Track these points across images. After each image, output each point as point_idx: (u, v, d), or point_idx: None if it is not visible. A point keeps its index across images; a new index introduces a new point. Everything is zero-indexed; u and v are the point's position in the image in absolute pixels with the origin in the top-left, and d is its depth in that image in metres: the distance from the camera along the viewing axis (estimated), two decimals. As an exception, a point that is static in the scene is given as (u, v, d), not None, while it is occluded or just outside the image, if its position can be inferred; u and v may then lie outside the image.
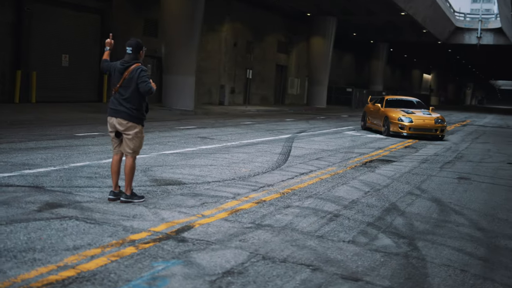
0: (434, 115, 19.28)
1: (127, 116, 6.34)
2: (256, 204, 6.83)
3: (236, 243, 5.11)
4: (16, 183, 7.05)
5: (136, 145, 6.46)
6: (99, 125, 15.99)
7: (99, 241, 4.91)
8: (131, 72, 6.33)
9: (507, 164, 12.95)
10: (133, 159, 6.48)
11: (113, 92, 6.48)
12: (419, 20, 42.75)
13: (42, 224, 5.31)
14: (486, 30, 53.71)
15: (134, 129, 6.39)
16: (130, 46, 6.42)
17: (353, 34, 50.71)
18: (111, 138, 6.62)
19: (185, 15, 25.78)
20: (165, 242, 5.00)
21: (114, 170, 6.56)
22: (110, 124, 6.48)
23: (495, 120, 39.31)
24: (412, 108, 20.36)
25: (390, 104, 20.41)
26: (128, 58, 6.41)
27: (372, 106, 21.48)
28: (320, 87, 43.28)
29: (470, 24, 54.08)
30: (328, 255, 4.94)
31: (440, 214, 7.03)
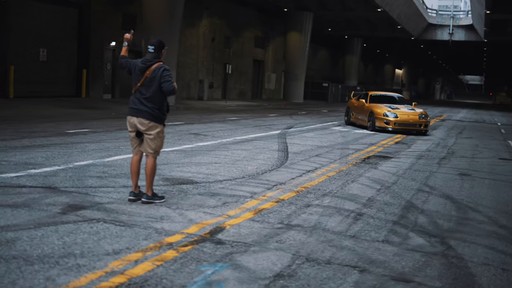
0: (417, 111, 19.54)
1: (149, 115, 6.19)
2: (277, 203, 6.76)
3: (274, 245, 5.03)
4: (28, 184, 6.84)
5: (158, 145, 6.32)
6: (85, 121, 15.74)
7: (136, 244, 4.77)
8: (153, 71, 6.17)
9: (498, 159, 13.12)
10: (154, 159, 6.34)
11: (133, 91, 6.32)
12: (394, 16, 43.16)
13: (72, 227, 5.14)
14: (457, 26, 54.58)
15: (155, 129, 6.24)
16: (152, 45, 6.26)
17: (328, 29, 50.94)
18: (130, 138, 6.45)
19: (165, 10, 25.51)
20: (203, 245, 4.89)
21: (134, 171, 6.40)
22: (131, 123, 6.32)
23: (470, 115, 39.95)
24: (395, 103, 20.59)
25: (374, 100, 20.58)
26: (150, 57, 6.26)
27: (356, 101, 21.60)
28: (297, 82, 43.36)
29: (442, 21, 54.89)
30: (369, 256, 4.90)
31: (458, 211, 7.06)
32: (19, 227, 5.03)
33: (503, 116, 41.69)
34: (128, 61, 6.44)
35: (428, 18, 54.06)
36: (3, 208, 5.62)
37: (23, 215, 5.43)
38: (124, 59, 6.51)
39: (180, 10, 26.10)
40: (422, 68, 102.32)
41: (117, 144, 11.15)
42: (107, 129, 14.08)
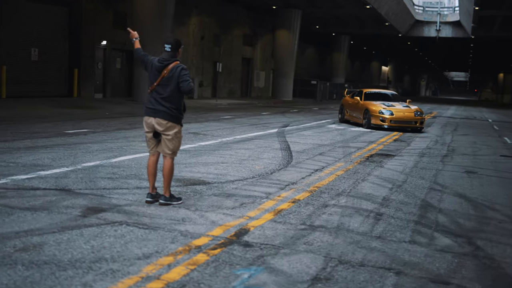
0: (412, 108, 19.60)
1: (167, 116, 6.09)
2: (293, 204, 6.70)
3: (303, 247, 4.96)
4: (41, 186, 6.71)
5: (176, 146, 6.22)
6: (82, 121, 15.59)
7: (165, 248, 4.68)
8: (170, 70, 6.08)
9: (500, 156, 13.17)
10: (172, 160, 6.25)
11: (149, 91, 6.22)
12: (383, 13, 43.28)
13: (96, 230, 5.04)
14: (444, 23, 54.86)
15: (173, 129, 6.15)
16: (169, 43, 6.15)
17: (316, 26, 50.97)
18: (147, 139, 6.35)
19: (156, 8, 25.31)
20: (232, 248, 4.82)
21: (151, 172, 6.30)
22: (148, 124, 6.21)
23: (460, 112, 40.19)
24: (388, 100, 20.63)
25: (368, 97, 20.60)
26: (166, 56, 6.15)
27: (350, 99, 21.62)
28: (286, 80, 43.31)
29: (429, 17, 55.11)
30: (401, 257, 4.86)
31: (476, 210, 7.05)
32: (43, 231, 4.92)
33: (492, 113, 41.98)
34: (145, 57, 6.34)
35: (415, 15, 54.28)
36: (22, 211, 5.50)
37: (44, 218, 5.31)
38: (142, 52, 6.44)
39: (171, 8, 25.95)
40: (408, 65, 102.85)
41: (119, 144, 11.02)
42: (106, 129, 13.93)
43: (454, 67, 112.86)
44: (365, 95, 20.82)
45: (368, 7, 40.03)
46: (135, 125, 15.27)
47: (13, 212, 5.47)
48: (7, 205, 5.71)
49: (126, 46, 28.31)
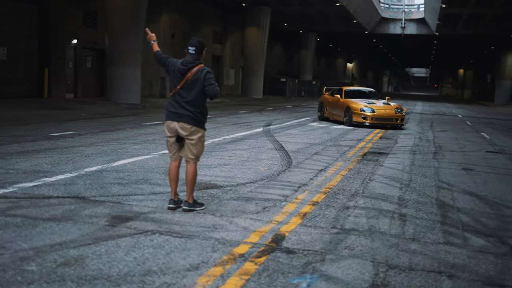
0: (392, 105, 19.78)
1: (191, 120, 5.91)
2: (314, 206, 6.61)
3: (346, 252, 4.88)
4: (53, 194, 6.46)
5: (199, 150, 6.06)
6: (62, 123, 15.21)
7: (209, 258, 4.54)
8: (195, 73, 5.90)
9: (486, 152, 13.37)
10: (195, 164, 6.07)
11: (171, 94, 6.03)
12: (351, 10, 43.61)
13: (130, 241, 4.85)
14: (409, 20, 55.68)
15: (197, 134, 5.98)
16: (193, 46, 5.96)
17: (284, 24, 51.04)
18: (169, 143, 6.16)
19: (129, 5, 24.82)
20: (275, 255, 4.70)
21: (173, 177, 6.12)
22: (171, 128, 6.02)
23: (428, 108, 40.85)
24: (367, 97, 20.81)
25: (348, 95, 20.72)
26: (191, 59, 5.97)
27: (330, 97, 21.70)
28: (256, 77, 43.23)
29: (395, 15, 55.82)
30: (445, 259, 4.82)
31: (492, 208, 7.09)
32: (77, 243, 4.70)
33: (458, 108, 42.85)
34: (166, 59, 6.15)
35: (381, 12, 54.93)
36: (46, 222, 5.26)
37: (72, 229, 5.09)
38: (162, 56, 6.25)
39: (145, 4, 25.49)
40: (371, 61, 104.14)
41: (112, 147, 10.75)
42: (91, 131, 13.59)
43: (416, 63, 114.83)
44: (345, 92, 20.94)
45: (337, 5, 40.28)
46: (118, 127, 14.97)
47: (37, 223, 5.22)
48: (27, 216, 5.46)
49: (96, 45, 27.78)
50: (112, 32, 25.06)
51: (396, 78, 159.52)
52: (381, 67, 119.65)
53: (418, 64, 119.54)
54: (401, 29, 55.81)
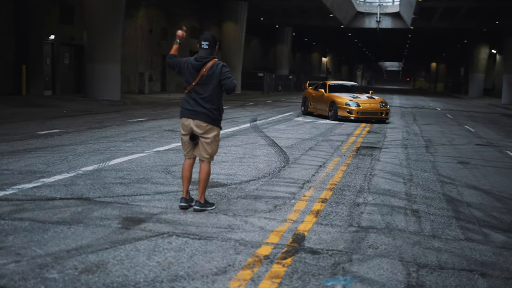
0: (377, 99, 19.83)
1: (207, 117, 5.73)
2: (324, 204, 6.50)
3: (371, 251, 4.77)
4: (56, 196, 6.22)
5: (214, 150, 5.89)
6: (46, 121, 14.88)
7: (233, 260, 4.38)
8: (210, 68, 5.73)
9: (476, 145, 13.42)
10: (209, 164, 5.90)
11: (186, 91, 5.85)
12: (328, 4, 43.62)
13: (149, 244, 4.66)
14: (385, 14, 55.95)
15: (213, 132, 5.81)
16: (207, 40, 5.81)
17: (260, 18, 50.83)
18: (183, 141, 5.98)
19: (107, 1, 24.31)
20: (301, 256, 4.57)
21: (186, 176, 5.95)
22: (186, 126, 5.83)
23: (405, 101, 41.15)
24: (351, 92, 20.86)
25: (332, 89, 20.72)
26: (204, 54, 5.81)
27: (314, 91, 21.65)
28: (235, 73, 42.90)
29: (370, 9, 56.05)
30: (473, 257, 4.75)
31: (501, 202, 7.07)
32: (94, 247, 4.50)
33: (434, 101, 43.25)
34: (178, 60, 5.97)
35: (357, 6, 55.09)
36: (56, 226, 5.04)
37: (85, 233, 4.88)
38: (175, 58, 6.09)
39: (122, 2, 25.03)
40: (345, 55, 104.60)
41: (103, 145, 10.49)
42: (77, 128, 13.28)
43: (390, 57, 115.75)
44: (329, 87, 20.93)
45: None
46: (103, 124, 14.68)
47: (47, 227, 5.00)
48: (35, 219, 5.23)
49: (74, 41, 27.26)
50: (91, 28, 24.56)
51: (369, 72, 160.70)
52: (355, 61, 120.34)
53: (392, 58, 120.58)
54: (376, 23, 56.08)
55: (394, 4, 55.95)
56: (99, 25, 24.30)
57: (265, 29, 56.35)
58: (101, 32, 24.34)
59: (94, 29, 24.45)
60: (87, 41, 24.83)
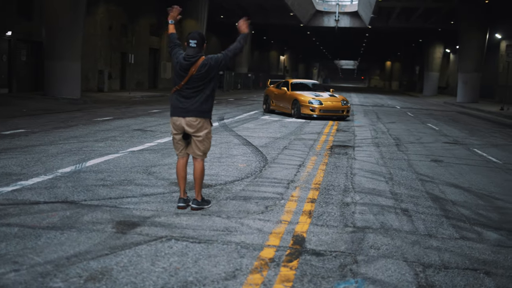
0: (338, 97, 20.16)
1: (198, 114, 5.68)
2: (314, 204, 6.48)
3: (374, 252, 4.76)
4: (40, 199, 5.99)
5: (207, 147, 5.84)
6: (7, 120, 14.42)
7: (239, 264, 4.30)
8: (199, 67, 5.67)
9: (443, 143, 13.67)
10: (203, 161, 5.86)
11: (174, 90, 5.73)
12: (289, 3, 43.80)
13: (149, 249, 4.53)
14: (343, 13, 56.58)
15: (205, 130, 5.75)
16: (195, 39, 5.72)
17: (220, 16, 50.60)
18: (175, 141, 5.89)
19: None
20: (305, 258, 4.52)
21: (181, 176, 5.90)
22: (177, 125, 5.73)
23: (364, 99, 41.66)
24: (312, 90, 21.13)
25: (294, 88, 20.90)
26: (192, 52, 5.73)
27: (276, 89, 21.76)
28: (195, 70, 42.58)
29: (329, 8, 56.56)
30: (473, 256, 4.80)
31: (483, 200, 7.18)
32: (94, 254, 4.34)
33: (392, 99, 43.96)
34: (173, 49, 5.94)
35: (316, 5, 55.51)
36: (47, 232, 4.85)
37: (80, 238, 4.70)
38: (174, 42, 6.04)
39: (83, -4, 24.49)
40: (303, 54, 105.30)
41: (74, 145, 10.22)
42: (42, 128, 12.89)
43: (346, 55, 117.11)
44: (292, 85, 21.08)
45: (275, -3, 40.28)
46: (68, 123, 14.31)
47: (38, 233, 4.80)
48: (23, 225, 5.02)
49: (32, 37, 26.51)
50: (50, 23, 23.93)
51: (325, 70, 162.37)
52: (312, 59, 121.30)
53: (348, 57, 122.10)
54: (335, 22, 56.64)
55: (353, 4, 56.62)
56: (59, 21, 23.70)
57: (225, 27, 56.05)
58: (61, 28, 23.75)
59: (54, 25, 23.83)
60: (46, 38, 24.18)
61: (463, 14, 39.44)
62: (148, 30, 40.34)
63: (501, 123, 22.17)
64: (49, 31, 23.96)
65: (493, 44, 41.50)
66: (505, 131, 18.44)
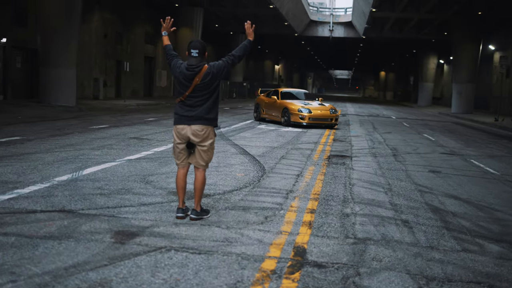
0: (327, 106, 20.44)
1: (205, 122, 5.66)
2: (314, 215, 6.42)
3: (376, 264, 4.70)
4: (37, 208, 5.91)
5: (210, 157, 5.83)
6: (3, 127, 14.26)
7: (241, 276, 4.23)
8: (203, 76, 5.65)
9: (441, 154, 13.65)
10: (204, 172, 5.83)
11: (178, 100, 5.71)
12: (283, 13, 43.90)
13: (149, 260, 4.46)
14: (337, 23, 56.78)
15: (209, 140, 5.75)
16: (196, 48, 5.68)
17: (215, 25, 50.67)
18: (177, 150, 5.84)
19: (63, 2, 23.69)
20: (307, 270, 4.46)
21: (181, 186, 5.83)
22: (182, 135, 5.70)
23: (359, 109, 41.73)
24: (301, 99, 21.35)
25: (284, 96, 21.18)
26: (195, 62, 5.69)
27: (266, 98, 22.03)
28: (190, 79, 42.57)
29: (323, 18, 56.75)
30: (476, 269, 4.75)
31: (483, 212, 7.15)
32: (92, 264, 4.26)
33: (387, 109, 44.04)
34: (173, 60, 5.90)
35: (311, 15, 55.68)
36: (45, 241, 4.77)
37: (78, 249, 4.63)
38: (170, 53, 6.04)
39: (79, 3, 24.43)
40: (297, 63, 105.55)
41: (71, 153, 10.14)
42: (38, 136, 12.80)
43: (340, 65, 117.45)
44: (282, 94, 21.43)
45: (271, 7, 40.40)
46: (64, 131, 14.23)
47: (36, 243, 4.72)
48: (20, 234, 4.94)
49: (27, 44, 26.44)
50: (45, 30, 23.88)
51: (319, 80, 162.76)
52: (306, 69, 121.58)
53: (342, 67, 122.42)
54: (329, 32, 56.80)
55: (347, 14, 56.83)
56: (54, 27, 23.65)
57: (220, 36, 56.21)
58: (57, 35, 23.69)
59: (49, 32, 23.78)
60: (42, 45, 24.12)
61: (456, 25, 39.67)
62: (143, 38, 40.33)
63: (496, 134, 22.23)
64: (44, 38, 23.90)
65: (486, 55, 41.73)
66: (500, 142, 18.47)
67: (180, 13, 41.40)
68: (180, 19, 41.72)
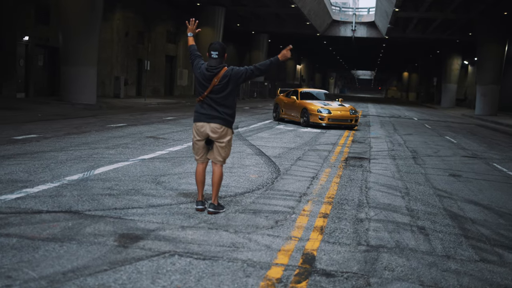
0: (347, 106, 20.15)
1: (222, 122, 5.87)
2: (326, 219, 6.22)
3: (388, 274, 4.50)
4: (43, 208, 5.80)
5: (227, 153, 6.06)
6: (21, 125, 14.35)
7: (245, 284, 4.06)
8: (222, 77, 5.84)
9: (462, 157, 13.33)
10: (222, 167, 6.05)
11: (198, 100, 5.94)
12: (305, 12, 43.58)
13: (150, 265, 4.31)
14: (360, 23, 56.29)
15: (227, 136, 5.98)
16: (216, 50, 5.89)
17: (237, 25, 50.57)
18: (197, 146, 6.06)
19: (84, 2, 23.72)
20: (315, 279, 4.27)
21: (200, 180, 6.13)
22: (201, 132, 5.94)
23: (381, 110, 41.26)
24: (321, 99, 21.11)
25: (303, 96, 20.99)
26: (215, 63, 5.88)
27: (285, 98, 21.87)
28: (211, 78, 42.51)
29: (345, 17, 56.29)
30: (494, 280, 4.51)
31: (502, 219, 6.88)
32: (91, 269, 4.13)
33: (409, 111, 43.48)
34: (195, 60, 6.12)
35: (333, 15, 55.26)
36: (47, 243, 4.65)
37: (79, 252, 4.50)
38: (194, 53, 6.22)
39: (100, 1, 24.47)
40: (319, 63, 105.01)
41: (85, 152, 10.06)
42: (55, 134, 12.78)
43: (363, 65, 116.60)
44: (301, 94, 21.22)
45: (292, 6, 40.12)
46: (82, 129, 14.19)
47: (37, 245, 4.60)
48: (23, 236, 4.82)
49: (49, 42, 26.59)
50: (66, 29, 23.95)
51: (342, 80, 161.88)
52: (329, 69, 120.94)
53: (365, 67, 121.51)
54: (352, 32, 56.34)
55: (370, 14, 56.30)
56: (76, 26, 23.71)
57: (241, 35, 56.11)
58: (77, 33, 23.75)
59: (70, 31, 23.85)
60: (63, 43, 24.20)
61: (481, 26, 38.97)
62: (165, 37, 40.37)
63: (520, 137, 21.73)
64: (65, 36, 23.98)
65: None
66: (525, 145, 18.02)
67: (202, 12, 41.36)
68: (201, 18, 41.67)
